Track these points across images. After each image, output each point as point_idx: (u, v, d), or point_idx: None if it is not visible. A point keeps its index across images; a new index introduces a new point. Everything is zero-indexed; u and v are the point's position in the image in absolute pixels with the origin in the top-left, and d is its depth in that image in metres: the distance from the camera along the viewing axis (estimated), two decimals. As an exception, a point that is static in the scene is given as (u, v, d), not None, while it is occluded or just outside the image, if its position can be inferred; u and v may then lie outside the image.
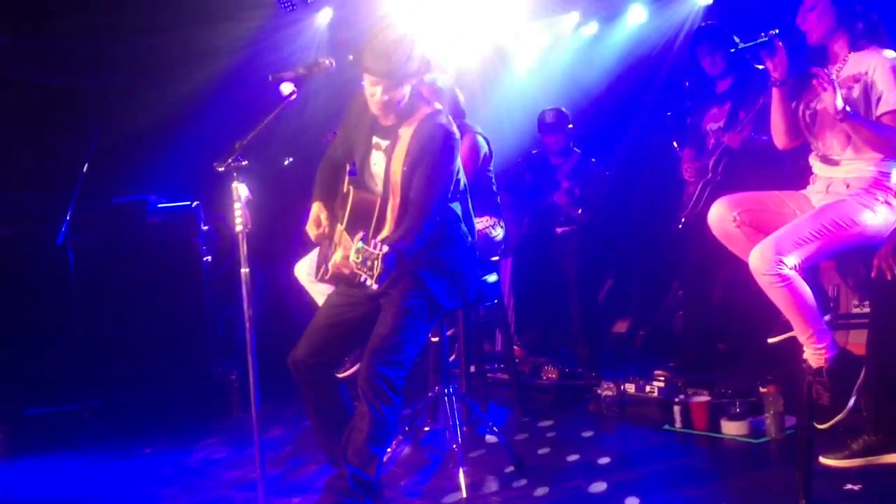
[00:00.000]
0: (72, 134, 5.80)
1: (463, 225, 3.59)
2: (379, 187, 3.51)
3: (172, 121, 6.70)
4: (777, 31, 3.31)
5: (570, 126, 6.00)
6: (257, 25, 6.93)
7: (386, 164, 3.48)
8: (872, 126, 3.25)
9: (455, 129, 3.50)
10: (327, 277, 3.63)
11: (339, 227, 3.53)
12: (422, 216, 3.35)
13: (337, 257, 3.40)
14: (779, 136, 3.53)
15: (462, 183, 3.62)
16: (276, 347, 4.60)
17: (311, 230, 3.56)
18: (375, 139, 3.55)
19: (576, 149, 6.07)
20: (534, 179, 6.06)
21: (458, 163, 3.55)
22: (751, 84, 4.96)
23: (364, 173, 3.59)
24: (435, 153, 3.39)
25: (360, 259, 3.09)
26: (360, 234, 3.29)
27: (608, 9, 6.94)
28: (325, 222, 3.57)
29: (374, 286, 3.10)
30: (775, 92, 3.44)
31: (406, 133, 3.44)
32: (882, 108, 3.25)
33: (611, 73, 6.96)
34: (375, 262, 3.06)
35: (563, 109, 6.03)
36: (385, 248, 3.09)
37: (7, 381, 5.27)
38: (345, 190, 3.60)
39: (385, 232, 3.38)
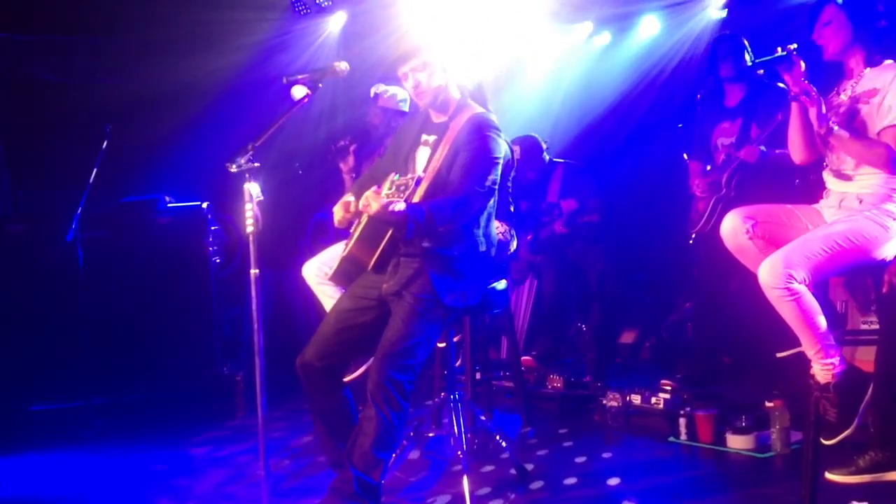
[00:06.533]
0: (84, 132, 5.84)
1: (480, 232, 3.59)
2: (418, 174, 3.56)
3: (183, 120, 6.73)
4: (795, 46, 3.30)
5: (545, 146, 6.04)
6: (270, 27, 6.96)
7: (430, 154, 3.57)
8: (863, 140, 3.25)
9: (502, 135, 3.60)
10: (344, 254, 3.63)
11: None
12: (456, 192, 3.42)
13: (368, 192, 3.31)
14: (797, 150, 3.52)
15: (495, 192, 3.63)
16: (282, 349, 4.63)
17: (338, 212, 3.58)
18: (424, 136, 3.65)
19: (556, 160, 6.09)
20: (529, 207, 6.07)
21: (500, 168, 3.58)
22: (763, 99, 4.95)
23: (407, 168, 3.63)
24: (479, 140, 3.48)
25: (394, 189, 3.19)
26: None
27: (621, 19, 6.95)
28: (353, 208, 3.56)
29: (401, 206, 3.17)
30: (794, 106, 3.42)
31: (455, 126, 3.54)
32: (886, 121, 3.24)
33: (622, 83, 6.98)
34: (410, 183, 3.17)
35: (534, 135, 6.04)
36: (421, 174, 3.25)
37: (13, 377, 5.29)
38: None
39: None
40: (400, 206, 3.20)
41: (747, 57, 4.99)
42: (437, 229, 3.36)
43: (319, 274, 4.20)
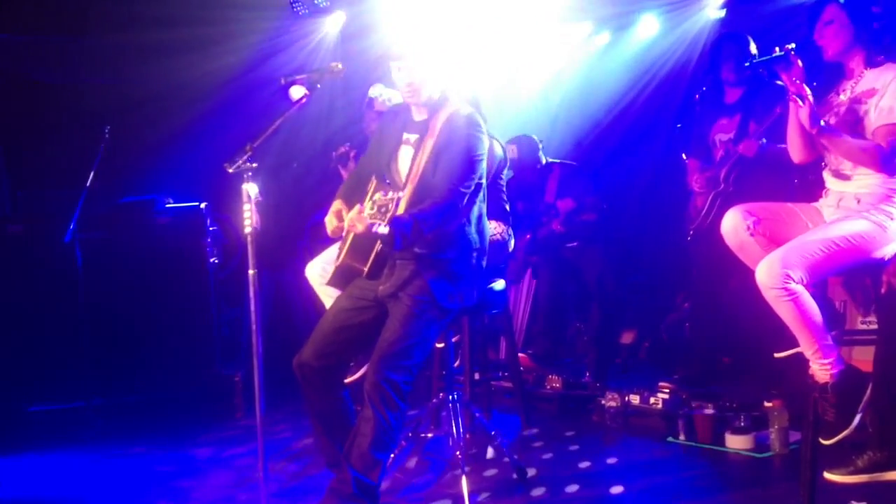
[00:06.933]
0: (82, 133, 5.82)
1: (473, 231, 3.58)
2: (402, 180, 3.54)
3: (181, 121, 6.72)
4: (794, 46, 3.30)
5: (540, 144, 6.01)
6: (269, 27, 6.96)
7: (413, 155, 3.55)
8: (854, 140, 3.24)
9: (485, 129, 3.58)
10: (338, 263, 3.62)
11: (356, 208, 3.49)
12: (441, 196, 3.41)
13: (352, 213, 3.32)
14: (795, 150, 3.52)
15: (482, 188, 3.63)
16: (281, 350, 4.62)
17: (331, 222, 3.57)
18: (406, 135, 3.63)
19: (553, 160, 6.09)
20: (526, 208, 6.06)
21: (484, 165, 3.57)
22: (762, 95, 4.94)
23: (391, 169, 3.62)
24: (461, 140, 3.47)
25: (375, 209, 3.15)
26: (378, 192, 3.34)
27: (620, 19, 6.94)
28: (345, 216, 3.56)
29: (384, 229, 3.14)
30: (792, 106, 3.42)
31: (436, 125, 3.53)
32: (881, 120, 3.24)
33: (621, 83, 6.97)
34: (390, 205, 3.13)
35: (528, 136, 6.02)
36: (400, 193, 3.21)
37: (12, 378, 5.28)
38: (369, 186, 3.64)
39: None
40: (384, 228, 3.17)
41: (753, 51, 5.00)
42: (425, 237, 3.36)
43: (323, 274, 4.19)
